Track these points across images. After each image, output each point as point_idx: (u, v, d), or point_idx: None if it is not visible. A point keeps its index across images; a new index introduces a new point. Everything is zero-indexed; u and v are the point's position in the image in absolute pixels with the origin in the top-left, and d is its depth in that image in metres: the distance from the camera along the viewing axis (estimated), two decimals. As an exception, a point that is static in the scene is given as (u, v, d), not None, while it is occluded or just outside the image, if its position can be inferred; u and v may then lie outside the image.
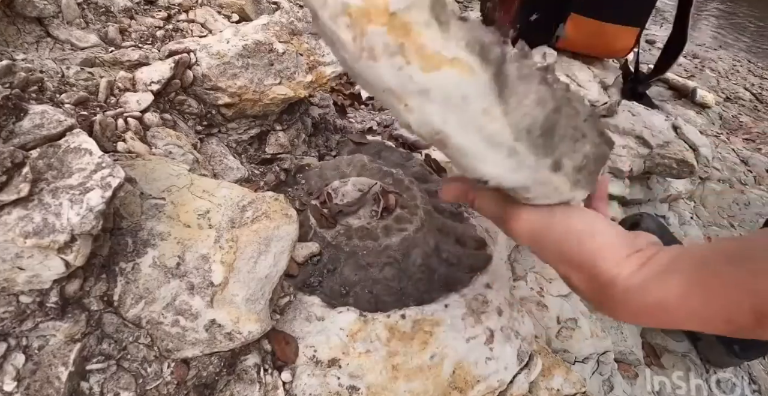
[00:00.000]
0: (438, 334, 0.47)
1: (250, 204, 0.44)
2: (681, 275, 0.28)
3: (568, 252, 0.32)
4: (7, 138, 0.36)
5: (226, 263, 0.41)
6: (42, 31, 0.56)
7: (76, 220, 0.33)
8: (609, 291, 0.31)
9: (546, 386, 0.51)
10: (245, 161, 0.64)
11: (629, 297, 0.30)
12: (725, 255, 0.28)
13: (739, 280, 0.26)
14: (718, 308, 0.27)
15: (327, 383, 0.43)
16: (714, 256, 0.29)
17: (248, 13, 0.81)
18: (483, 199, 0.37)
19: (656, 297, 0.29)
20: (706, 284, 0.27)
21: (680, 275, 0.28)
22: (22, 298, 0.35)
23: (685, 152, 1.02)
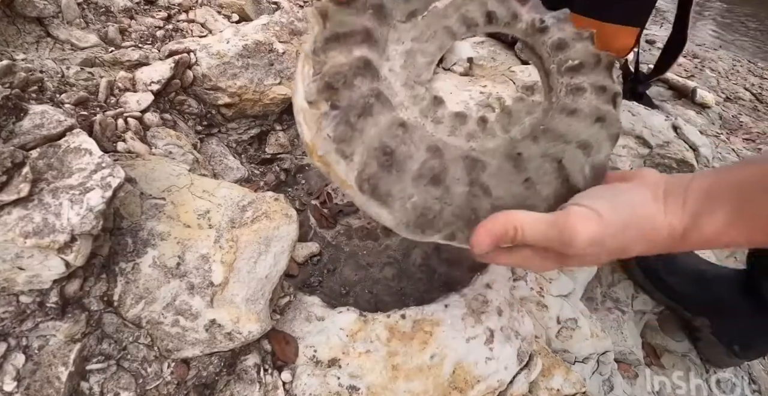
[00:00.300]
0: (438, 334, 0.47)
1: (250, 204, 0.44)
2: (724, 206, 0.31)
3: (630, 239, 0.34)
4: (7, 138, 0.36)
5: (226, 263, 0.41)
6: (42, 31, 0.56)
7: (76, 220, 0.33)
8: (673, 241, 0.33)
9: (546, 386, 0.51)
10: (245, 161, 0.64)
11: (689, 237, 0.33)
12: (761, 185, 0.31)
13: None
14: (761, 232, 0.31)
15: (327, 383, 0.43)
16: (750, 184, 0.31)
17: (248, 13, 0.81)
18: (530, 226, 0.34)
19: (712, 230, 0.32)
20: (750, 213, 0.31)
21: (723, 206, 0.31)
22: (22, 298, 0.35)
23: (685, 152, 1.02)
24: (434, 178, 0.35)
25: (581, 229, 0.32)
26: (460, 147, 0.40)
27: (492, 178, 0.36)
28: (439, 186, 0.35)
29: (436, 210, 0.35)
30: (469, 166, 0.36)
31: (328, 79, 0.34)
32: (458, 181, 0.35)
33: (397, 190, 0.34)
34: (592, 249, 0.33)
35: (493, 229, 0.34)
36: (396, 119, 0.36)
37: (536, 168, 0.37)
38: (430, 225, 0.35)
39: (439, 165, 0.35)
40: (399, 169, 0.34)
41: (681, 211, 0.32)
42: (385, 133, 0.35)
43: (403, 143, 0.35)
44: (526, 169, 0.37)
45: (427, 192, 0.34)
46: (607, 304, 0.82)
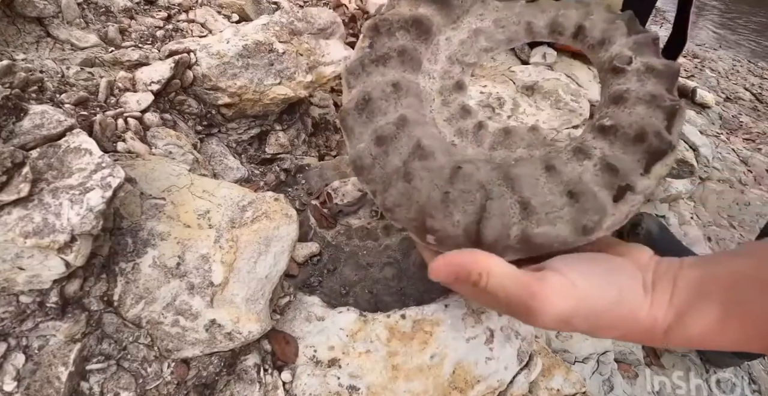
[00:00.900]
0: (438, 334, 0.47)
1: (250, 204, 0.45)
2: (714, 304, 0.29)
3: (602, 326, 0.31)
4: (7, 138, 0.36)
5: (226, 263, 0.41)
6: (42, 31, 0.56)
7: (76, 220, 0.33)
8: (653, 336, 0.31)
9: (546, 386, 0.51)
10: (245, 161, 0.64)
11: (672, 335, 0.30)
12: (757, 282, 0.28)
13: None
14: (755, 335, 0.28)
15: (327, 383, 0.43)
16: (744, 281, 0.29)
17: (248, 13, 0.81)
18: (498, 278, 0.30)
19: (698, 330, 0.29)
20: (744, 314, 0.28)
21: (714, 304, 0.29)
22: (22, 298, 0.35)
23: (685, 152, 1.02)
24: (380, 138, 0.36)
25: (552, 304, 0.28)
26: (441, 137, 0.39)
27: (427, 171, 0.35)
28: (381, 146, 0.36)
29: (367, 163, 0.36)
30: (415, 148, 0.35)
31: (378, 20, 0.38)
32: (399, 154, 0.36)
33: (357, 131, 0.37)
34: (557, 326, 0.30)
35: (457, 265, 0.30)
36: (397, 79, 0.38)
37: (464, 189, 0.34)
38: (361, 173, 0.37)
39: (392, 131, 0.36)
40: (368, 117, 0.37)
41: (667, 305, 0.30)
42: (381, 84, 0.37)
43: (385, 100, 0.37)
44: (452, 183, 0.34)
45: (370, 146, 0.36)
46: (607, 304, 0.81)
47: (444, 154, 0.36)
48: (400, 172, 0.35)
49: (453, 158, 0.36)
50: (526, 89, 0.87)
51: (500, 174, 0.34)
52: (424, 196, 0.34)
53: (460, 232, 0.33)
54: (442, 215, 0.33)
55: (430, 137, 0.37)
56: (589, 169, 0.33)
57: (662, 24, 2.26)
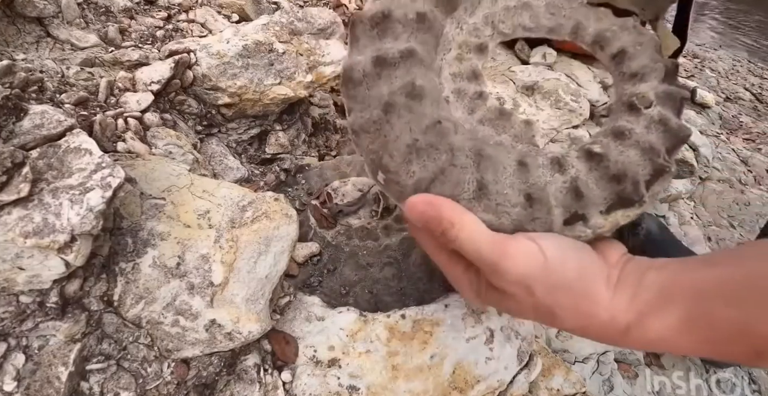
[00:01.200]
0: (438, 334, 0.47)
1: (250, 204, 0.45)
2: (678, 309, 0.28)
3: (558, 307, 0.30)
4: (7, 138, 0.36)
5: (226, 263, 0.41)
6: (42, 31, 0.56)
7: (76, 220, 0.33)
8: (610, 332, 0.30)
9: (546, 386, 0.51)
10: (245, 161, 0.64)
11: (631, 335, 0.30)
12: (724, 293, 0.28)
13: (740, 323, 0.27)
14: (718, 344, 0.28)
15: (327, 383, 0.43)
16: (712, 290, 0.28)
17: (248, 13, 0.81)
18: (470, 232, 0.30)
19: (657, 333, 0.29)
20: (706, 323, 0.28)
21: (677, 309, 0.28)
22: (22, 298, 0.35)
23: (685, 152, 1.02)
24: (379, 59, 0.34)
25: (519, 263, 0.29)
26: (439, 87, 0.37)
27: (407, 111, 0.34)
28: (376, 67, 0.34)
29: (356, 78, 0.34)
30: (408, 85, 0.34)
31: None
32: (390, 83, 0.34)
33: (361, 43, 0.36)
34: (518, 289, 0.30)
35: (434, 207, 0.30)
36: (425, 10, 0.36)
37: (433, 144, 0.33)
38: (345, 84, 0.35)
39: (394, 58, 0.34)
40: (379, 34, 0.35)
41: (628, 304, 0.29)
42: (407, 7, 0.35)
43: (403, 25, 0.35)
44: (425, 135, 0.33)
45: (366, 63, 0.34)
46: (607, 304, 0.81)
47: (432, 104, 0.34)
48: (382, 100, 0.33)
49: (438, 112, 0.34)
50: (526, 89, 0.87)
51: (474, 147, 0.33)
52: (393, 134, 0.33)
53: (409, 183, 0.33)
54: (402, 160, 0.33)
55: (427, 81, 0.35)
56: (557, 183, 0.33)
57: (662, 24, 2.25)
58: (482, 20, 0.41)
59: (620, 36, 0.40)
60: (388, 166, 0.33)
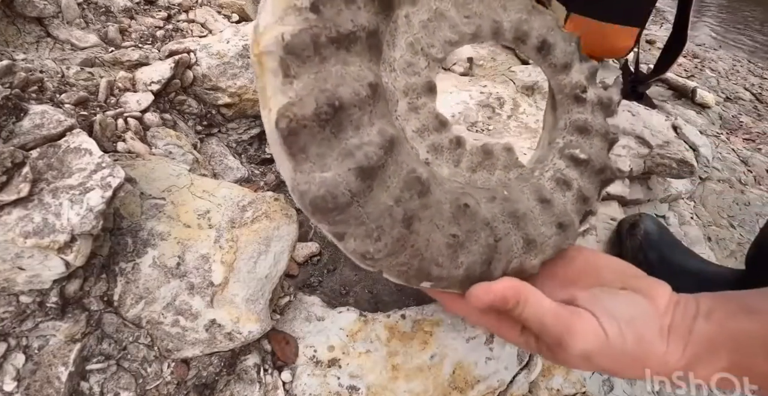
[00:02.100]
0: (438, 334, 0.47)
1: (250, 204, 0.44)
2: (721, 360, 0.32)
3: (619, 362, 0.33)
4: (7, 138, 0.36)
5: (226, 263, 0.41)
6: (42, 31, 0.56)
7: (76, 220, 0.33)
8: (659, 375, 0.34)
9: (546, 386, 0.51)
10: (245, 161, 0.64)
11: (679, 383, 0.34)
12: (761, 343, 0.30)
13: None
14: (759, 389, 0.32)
15: (327, 383, 0.43)
16: (755, 342, 0.31)
17: (248, 13, 0.81)
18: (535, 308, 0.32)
19: (702, 376, 0.33)
20: (746, 370, 0.31)
21: (721, 359, 0.32)
22: (22, 298, 0.35)
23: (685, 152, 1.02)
24: (364, 171, 0.26)
25: (581, 340, 0.31)
26: (416, 155, 0.32)
27: (425, 210, 0.29)
28: (365, 181, 0.26)
29: (342, 202, 0.26)
30: (412, 182, 0.29)
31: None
32: (388, 188, 0.28)
33: (314, 153, 0.26)
34: (580, 361, 0.32)
35: (499, 291, 0.31)
36: (371, 77, 0.28)
37: (470, 228, 0.31)
38: (325, 212, 0.26)
39: (379, 159, 0.27)
40: (333, 131, 0.26)
41: (681, 353, 0.32)
42: (353, 84, 0.26)
43: (359, 107, 0.26)
44: (458, 224, 0.31)
45: (348, 177, 0.26)
46: (607, 304, 0.81)
47: (434, 183, 0.30)
48: (395, 214, 0.27)
49: (445, 188, 0.31)
50: (526, 89, 0.87)
51: (503, 210, 0.34)
52: (423, 241, 0.29)
53: (460, 274, 0.31)
54: (449, 261, 0.30)
55: (419, 163, 0.30)
56: (570, 199, 0.38)
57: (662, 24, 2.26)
58: (409, 50, 0.34)
59: (532, 24, 0.39)
60: (438, 275, 0.31)
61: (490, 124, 0.80)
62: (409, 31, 0.34)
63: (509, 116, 0.81)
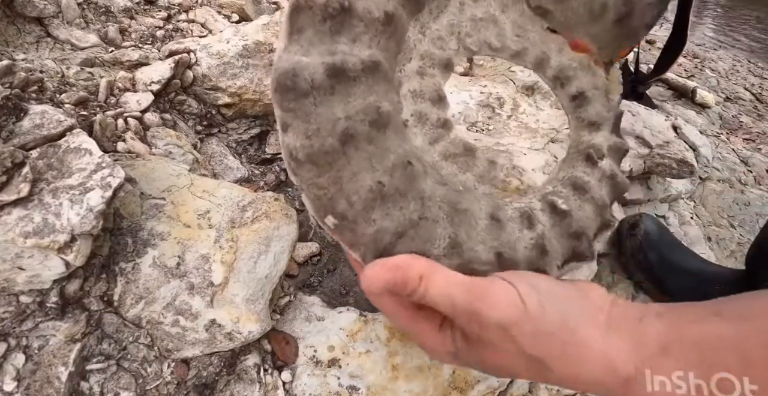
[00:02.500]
0: (438, 334, 0.47)
1: (250, 204, 0.44)
2: (680, 364, 0.28)
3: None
4: (7, 138, 0.36)
5: (226, 263, 0.41)
6: (42, 31, 0.56)
7: (76, 220, 0.33)
8: (608, 383, 0.29)
9: (546, 386, 0.51)
10: (245, 161, 0.64)
11: (631, 388, 0.29)
12: (732, 350, 0.27)
13: None
14: None
15: (327, 383, 0.43)
16: (719, 346, 0.27)
17: (248, 13, 0.81)
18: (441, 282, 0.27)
19: (659, 387, 0.29)
20: (707, 376, 0.28)
21: (679, 364, 0.28)
22: (22, 298, 0.35)
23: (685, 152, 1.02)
24: (336, 69, 0.26)
25: (497, 306, 0.27)
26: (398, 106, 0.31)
27: (369, 143, 0.28)
28: (330, 80, 0.26)
29: (301, 87, 0.26)
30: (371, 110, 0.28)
31: None
32: (347, 103, 0.27)
33: (307, 40, 0.27)
34: (499, 336, 0.27)
35: (394, 268, 0.27)
36: (396, 7, 0.29)
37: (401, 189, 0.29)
38: (283, 91, 0.26)
39: (354, 69, 0.27)
40: (334, 31, 0.27)
41: (627, 354, 0.28)
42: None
43: (367, 25, 0.27)
44: (392, 176, 0.28)
45: (318, 68, 0.26)
46: (607, 304, 0.81)
47: (398, 134, 0.29)
48: (337, 126, 0.27)
49: (404, 146, 0.30)
50: (526, 89, 0.87)
51: (446, 197, 0.30)
52: (350, 171, 0.27)
53: (369, 232, 0.28)
54: (362, 206, 0.27)
55: (392, 105, 0.29)
56: (525, 239, 0.32)
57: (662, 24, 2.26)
58: (447, 29, 0.35)
59: (579, 76, 0.39)
60: (343, 211, 0.28)
61: (490, 124, 0.80)
62: (456, 15, 0.35)
63: (509, 116, 0.81)
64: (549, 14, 0.39)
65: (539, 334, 0.27)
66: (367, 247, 0.28)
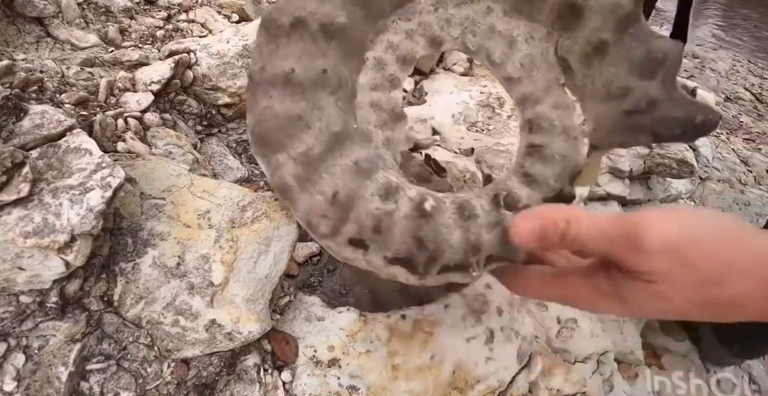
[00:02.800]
0: (438, 334, 0.47)
1: (250, 204, 0.44)
2: None
3: None
4: (7, 138, 0.36)
5: (226, 263, 0.41)
6: (42, 31, 0.56)
7: (76, 220, 0.33)
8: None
9: (546, 386, 0.51)
10: (245, 161, 0.64)
11: None
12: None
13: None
14: None
15: (327, 383, 0.43)
16: None
17: (248, 13, 0.81)
18: (590, 220, 0.26)
19: None
20: None
21: None
22: (22, 298, 0.35)
23: (685, 152, 1.02)
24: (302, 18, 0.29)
25: (658, 229, 0.24)
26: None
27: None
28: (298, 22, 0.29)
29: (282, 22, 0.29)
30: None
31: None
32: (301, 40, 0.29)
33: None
34: (667, 262, 0.24)
35: (541, 216, 0.27)
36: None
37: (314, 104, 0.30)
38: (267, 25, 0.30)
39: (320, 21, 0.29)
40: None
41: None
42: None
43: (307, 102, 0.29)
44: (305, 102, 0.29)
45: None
46: (607, 304, 0.81)
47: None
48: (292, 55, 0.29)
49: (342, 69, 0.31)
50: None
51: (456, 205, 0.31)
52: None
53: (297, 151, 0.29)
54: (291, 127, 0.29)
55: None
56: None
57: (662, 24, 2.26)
58: (460, 20, 0.37)
59: (553, 134, 0.36)
60: None
61: (490, 124, 0.80)
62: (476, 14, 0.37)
63: (509, 116, 0.81)
64: (569, 71, 0.36)
65: (711, 246, 0.24)
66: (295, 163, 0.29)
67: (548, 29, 0.37)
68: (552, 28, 0.37)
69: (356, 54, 0.34)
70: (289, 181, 0.29)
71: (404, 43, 0.36)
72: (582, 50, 0.35)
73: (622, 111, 0.33)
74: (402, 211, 0.29)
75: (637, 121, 0.33)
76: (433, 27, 0.37)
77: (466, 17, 0.37)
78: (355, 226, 0.29)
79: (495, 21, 0.38)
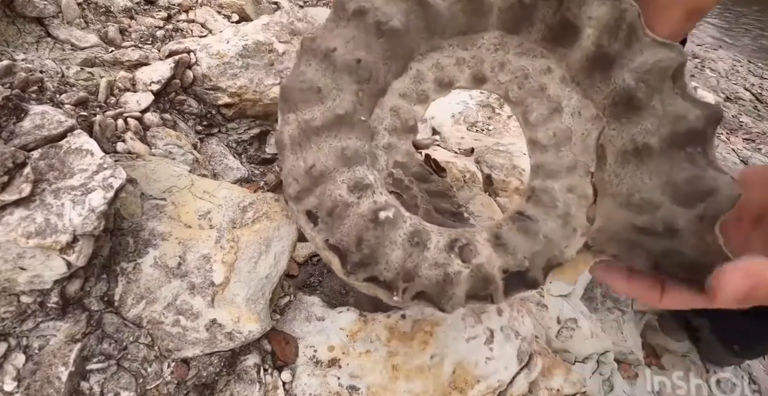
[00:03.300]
0: (438, 334, 0.47)
1: (251, 204, 0.45)
2: None
3: None
4: (8, 138, 0.36)
5: (226, 263, 0.41)
6: (42, 31, 0.56)
7: (78, 220, 0.34)
8: None
9: (546, 386, 0.51)
10: (245, 161, 0.64)
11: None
12: None
13: None
14: None
15: (327, 383, 0.43)
16: None
17: (248, 13, 0.81)
18: None
19: None
20: None
21: None
22: (23, 298, 0.35)
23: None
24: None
25: None
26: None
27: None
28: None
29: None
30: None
31: None
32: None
33: None
34: None
35: (754, 274, 0.24)
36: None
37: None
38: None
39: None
40: None
41: None
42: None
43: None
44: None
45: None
46: (607, 304, 0.82)
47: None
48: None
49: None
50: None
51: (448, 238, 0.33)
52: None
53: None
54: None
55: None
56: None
57: (662, 24, 2.26)
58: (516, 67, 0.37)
59: (549, 218, 0.34)
60: None
61: (490, 124, 0.80)
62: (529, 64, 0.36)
63: (509, 116, 0.81)
64: (602, 161, 0.33)
65: None
66: None
67: (599, 112, 0.33)
68: (603, 113, 0.33)
69: (401, 59, 0.35)
70: (286, 140, 0.32)
71: (450, 68, 0.37)
72: (623, 147, 0.32)
73: (634, 225, 0.31)
74: (359, 209, 0.32)
75: (643, 241, 0.31)
76: (485, 65, 0.36)
77: (521, 68, 0.35)
78: (315, 200, 0.32)
79: (549, 82, 0.35)
